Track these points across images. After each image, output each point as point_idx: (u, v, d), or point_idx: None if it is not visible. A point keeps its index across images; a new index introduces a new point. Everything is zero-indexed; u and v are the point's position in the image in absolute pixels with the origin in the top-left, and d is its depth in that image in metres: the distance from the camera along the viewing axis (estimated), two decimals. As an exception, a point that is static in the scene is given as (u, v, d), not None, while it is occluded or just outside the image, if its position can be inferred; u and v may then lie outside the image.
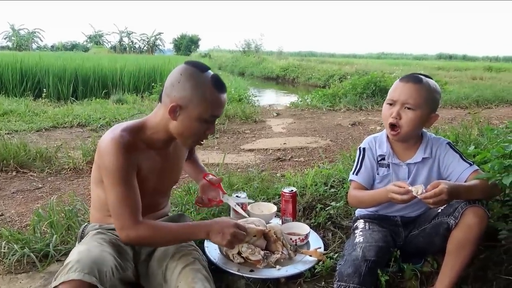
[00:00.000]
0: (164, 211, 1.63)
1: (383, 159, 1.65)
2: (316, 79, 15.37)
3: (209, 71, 1.36)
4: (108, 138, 1.32)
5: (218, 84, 1.35)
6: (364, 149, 1.69)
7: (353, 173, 1.68)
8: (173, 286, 1.33)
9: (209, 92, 1.32)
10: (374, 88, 7.92)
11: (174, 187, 2.89)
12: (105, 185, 1.31)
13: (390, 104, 1.57)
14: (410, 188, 1.38)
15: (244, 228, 1.44)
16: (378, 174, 1.65)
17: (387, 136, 1.67)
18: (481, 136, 3.50)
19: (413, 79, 1.54)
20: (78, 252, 1.20)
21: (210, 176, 1.74)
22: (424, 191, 1.35)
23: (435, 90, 1.56)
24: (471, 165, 1.53)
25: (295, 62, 20.63)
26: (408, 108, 1.52)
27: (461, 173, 1.52)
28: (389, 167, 1.64)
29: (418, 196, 1.35)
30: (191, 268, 1.36)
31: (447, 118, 6.17)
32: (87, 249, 1.22)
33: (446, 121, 5.74)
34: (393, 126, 1.55)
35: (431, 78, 1.59)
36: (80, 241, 1.45)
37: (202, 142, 1.47)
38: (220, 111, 1.39)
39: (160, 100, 1.39)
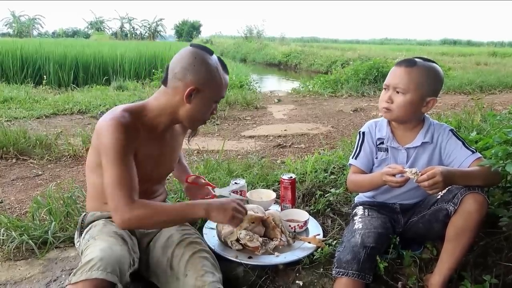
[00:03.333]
0: (161, 198, 1.62)
1: (382, 143, 1.63)
2: (319, 65, 15.24)
3: (214, 54, 1.42)
4: (109, 117, 1.30)
5: (224, 67, 1.43)
6: (363, 133, 1.67)
7: (352, 157, 1.67)
8: (182, 274, 1.33)
9: (220, 74, 1.38)
10: (376, 74, 7.86)
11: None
12: (103, 164, 1.28)
13: (385, 89, 1.56)
14: (404, 169, 1.37)
15: (243, 206, 1.43)
16: (376, 158, 1.64)
17: (388, 120, 1.65)
18: (484, 122, 3.47)
19: (406, 63, 1.51)
20: (101, 250, 1.17)
21: (192, 177, 1.73)
22: (419, 173, 1.34)
23: (432, 74, 1.51)
24: (473, 152, 1.51)
25: (297, 48, 20.45)
26: (398, 92, 1.51)
27: (463, 160, 1.50)
28: (387, 151, 1.62)
29: (412, 178, 1.34)
30: (199, 256, 1.36)
31: (450, 104, 6.12)
32: (110, 247, 1.19)
33: (448, 107, 5.70)
34: (386, 110, 1.55)
35: (434, 62, 1.54)
36: (81, 231, 1.43)
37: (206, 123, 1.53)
38: (225, 92, 1.46)
39: (164, 83, 1.38)
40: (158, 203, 1.37)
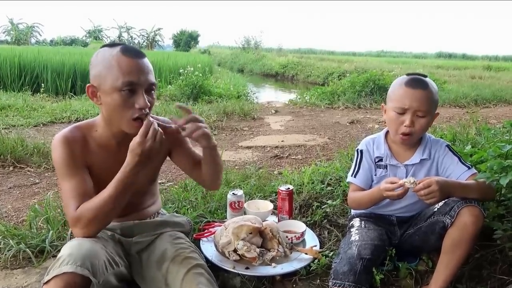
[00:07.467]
0: (151, 209, 1.59)
1: (381, 160, 1.65)
2: (315, 77, 15.35)
3: (122, 45, 1.27)
4: (57, 134, 1.33)
5: (127, 50, 1.25)
6: (361, 151, 1.69)
7: (351, 175, 1.68)
8: None
9: (115, 59, 1.22)
10: (373, 86, 7.93)
11: (171, 183, 2.91)
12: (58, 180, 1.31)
13: (401, 113, 1.52)
14: (402, 181, 1.39)
15: (152, 122, 1.22)
16: (375, 175, 1.65)
17: (385, 138, 1.67)
18: (479, 135, 3.51)
19: (420, 85, 1.50)
20: (70, 247, 1.18)
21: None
22: (416, 181, 1.37)
23: (436, 91, 1.56)
24: (469, 168, 1.54)
25: (294, 59, 20.60)
26: (420, 116, 1.51)
27: (459, 175, 1.53)
28: (386, 168, 1.64)
29: (409, 186, 1.37)
30: (194, 272, 1.33)
31: (445, 117, 6.18)
32: (78, 243, 1.20)
33: (444, 120, 5.74)
34: (406, 134, 1.53)
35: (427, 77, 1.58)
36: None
37: (142, 119, 1.26)
38: (136, 76, 1.23)
39: None
40: (97, 196, 1.26)
